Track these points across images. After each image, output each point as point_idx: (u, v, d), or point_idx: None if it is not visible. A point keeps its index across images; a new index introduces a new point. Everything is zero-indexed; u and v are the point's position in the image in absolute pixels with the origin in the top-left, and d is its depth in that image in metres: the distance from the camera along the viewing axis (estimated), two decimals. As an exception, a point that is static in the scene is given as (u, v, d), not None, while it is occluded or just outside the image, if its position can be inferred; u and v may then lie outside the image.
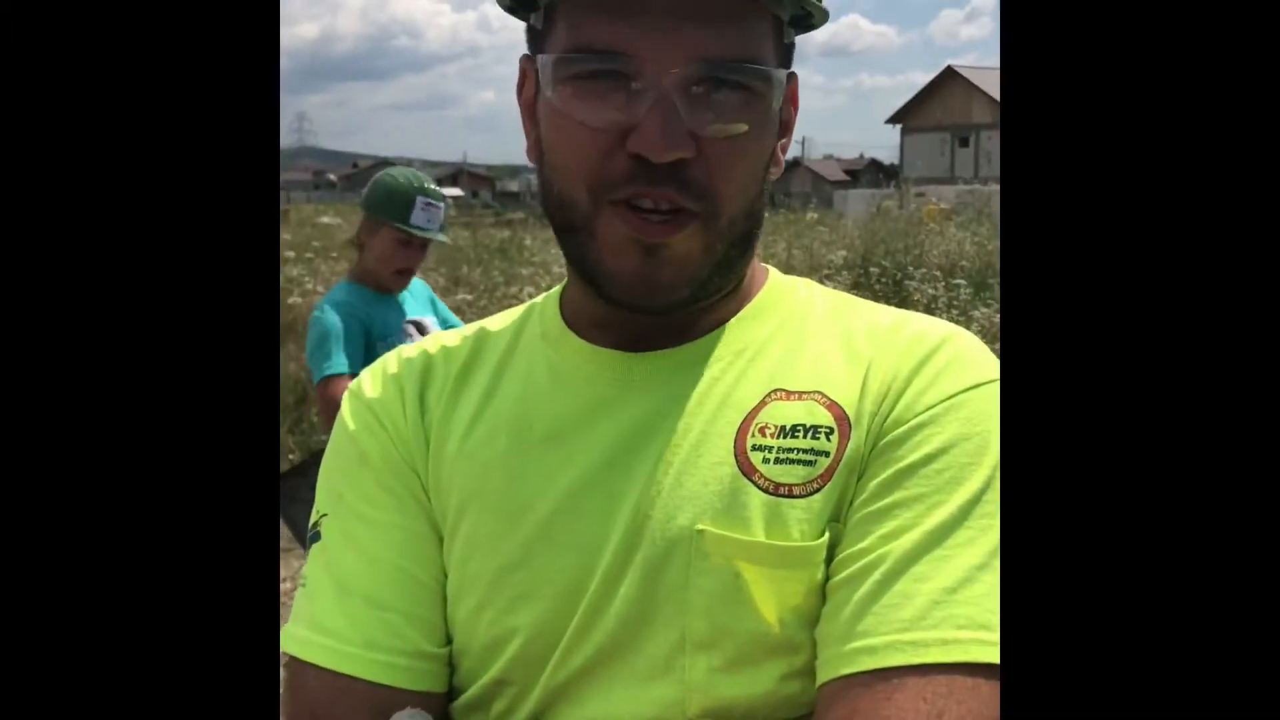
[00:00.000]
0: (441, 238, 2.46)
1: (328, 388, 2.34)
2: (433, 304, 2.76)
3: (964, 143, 40.16)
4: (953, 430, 0.64)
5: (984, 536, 0.61)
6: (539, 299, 0.81)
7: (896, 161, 47.61)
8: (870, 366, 0.68)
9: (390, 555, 0.71)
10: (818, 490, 0.65)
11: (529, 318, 0.80)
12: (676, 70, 0.61)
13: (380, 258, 2.43)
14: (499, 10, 0.73)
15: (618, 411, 0.70)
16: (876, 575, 0.61)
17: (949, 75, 41.50)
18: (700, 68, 0.62)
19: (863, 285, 6.43)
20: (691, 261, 0.66)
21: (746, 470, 0.66)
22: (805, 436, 0.66)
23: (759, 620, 0.64)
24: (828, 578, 0.64)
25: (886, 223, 9.67)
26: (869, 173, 55.32)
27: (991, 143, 38.66)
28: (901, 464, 0.64)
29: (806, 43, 0.74)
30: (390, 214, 2.38)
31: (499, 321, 0.82)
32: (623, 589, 0.66)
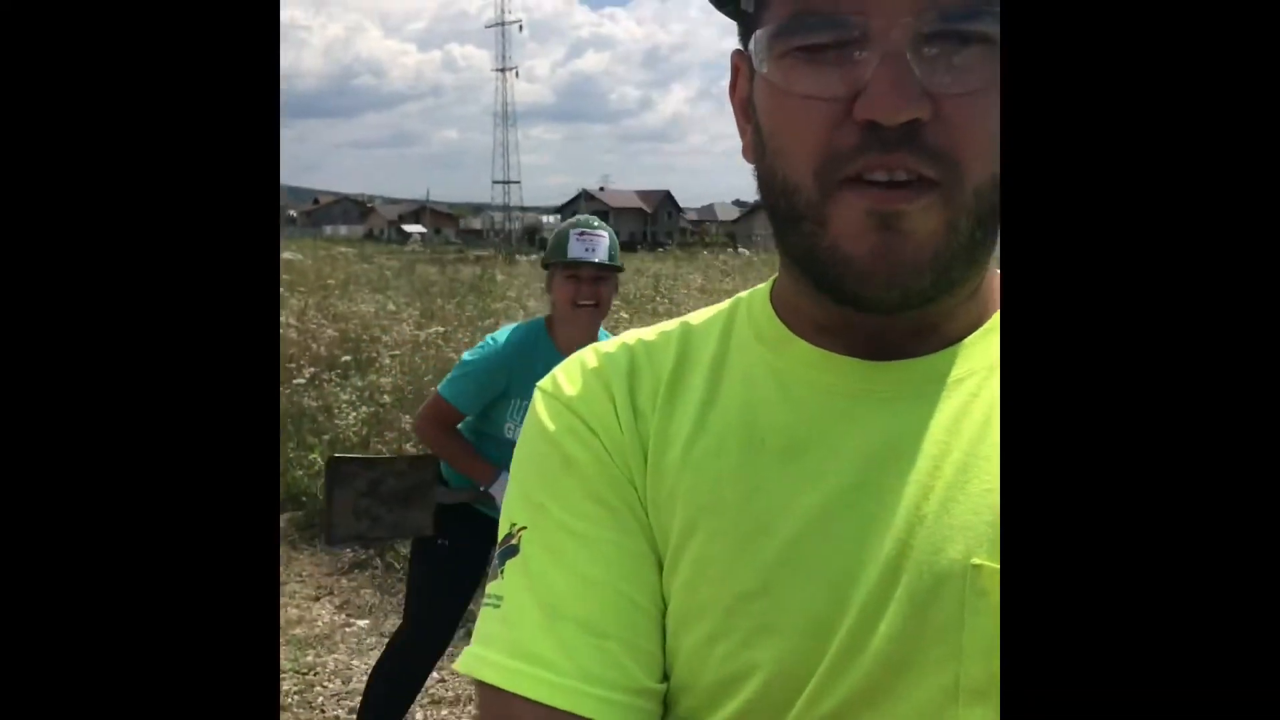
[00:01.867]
0: (602, 258, 2.46)
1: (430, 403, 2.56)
2: None
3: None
4: None
5: None
6: (743, 295, 0.72)
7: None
8: None
9: (606, 576, 0.63)
10: None
11: (734, 317, 0.71)
12: (908, 20, 0.55)
13: (557, 300, 2.50)
14: (464, 50, 0.65)
15: (863, 426, 0.62)
16: None
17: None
18: (933, 18, 0.55)
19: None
20: (934, 238, 0.57)
21: None
22: None
23: None
24: None
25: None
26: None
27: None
28: None
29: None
30: (554, 255, 2.49)
31: (701, 320, 0.72)
32: (883, 626, 0.58)
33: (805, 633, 0.59)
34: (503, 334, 2.49)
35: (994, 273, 0.67)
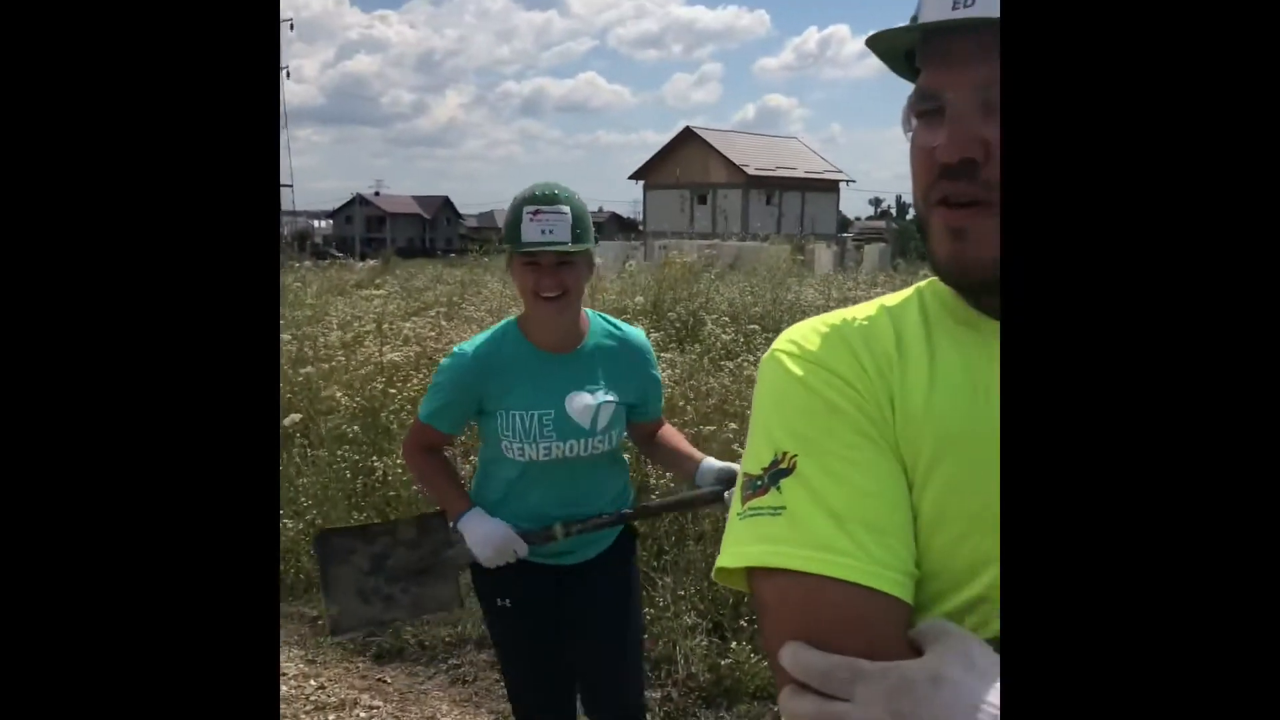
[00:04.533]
0: (563, 240, 1.98)
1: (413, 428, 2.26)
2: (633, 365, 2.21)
3: (702, 200, 42.30)
4: None
5: None
6: (921, 285, 0.94)
7: (636, 215, 49.17)
8: None
9: (879, 489, 0.81)
10: None
11: (924, 304, 0.92)
12: (970, 92, 0.79)
13: (519, 291, 2.08)
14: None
15: None
16: None
17: (688, 135, 43.67)
18: (983, 91, 0.78)
19: (665, 328, 6.56)
20: (993, 243, 0.77)
21: None
22: None
23: None
24: None
25: (651, 272, 9.97)
26: (610, 225, 56.93)
27: (728, 201, 40.93)
28: None
29: (543, 97, 0.78)
30: (509, 239, 2.04)
31: (895, 305, 0.93)
32: None
33: None
34: (472, 343, 2.14)
35: None
